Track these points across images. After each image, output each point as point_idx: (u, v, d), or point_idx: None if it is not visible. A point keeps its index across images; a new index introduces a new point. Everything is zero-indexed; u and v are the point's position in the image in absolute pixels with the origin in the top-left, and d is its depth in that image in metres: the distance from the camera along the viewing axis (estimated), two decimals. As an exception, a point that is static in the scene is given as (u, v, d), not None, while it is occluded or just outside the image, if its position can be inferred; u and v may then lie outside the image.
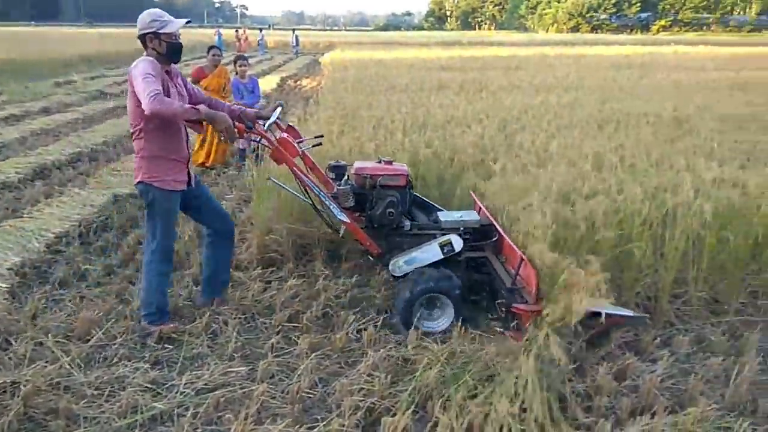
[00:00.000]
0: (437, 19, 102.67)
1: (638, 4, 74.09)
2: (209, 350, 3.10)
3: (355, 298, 3.66)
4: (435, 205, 3.87)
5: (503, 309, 3.23)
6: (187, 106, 2.97)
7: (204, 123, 3.15)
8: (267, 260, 4.15)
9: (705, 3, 73.76)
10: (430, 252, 3.38)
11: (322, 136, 4.04)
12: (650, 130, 5.80)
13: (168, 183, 3.11)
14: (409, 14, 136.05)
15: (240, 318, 3.40)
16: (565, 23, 77.04)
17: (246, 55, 8.46)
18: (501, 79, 11.36)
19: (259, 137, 3.34)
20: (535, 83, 10.72)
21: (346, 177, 3.65)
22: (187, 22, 3.21)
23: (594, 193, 3.55)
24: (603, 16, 76.11)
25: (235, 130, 3.08)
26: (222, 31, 37.14)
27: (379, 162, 3.65)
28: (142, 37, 3.04)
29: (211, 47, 7.11)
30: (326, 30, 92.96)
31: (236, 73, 6.95)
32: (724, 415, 2.55)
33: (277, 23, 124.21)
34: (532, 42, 35.74)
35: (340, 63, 16.33)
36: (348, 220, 3.44)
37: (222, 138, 3.06)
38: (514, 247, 3.18)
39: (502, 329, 3.23)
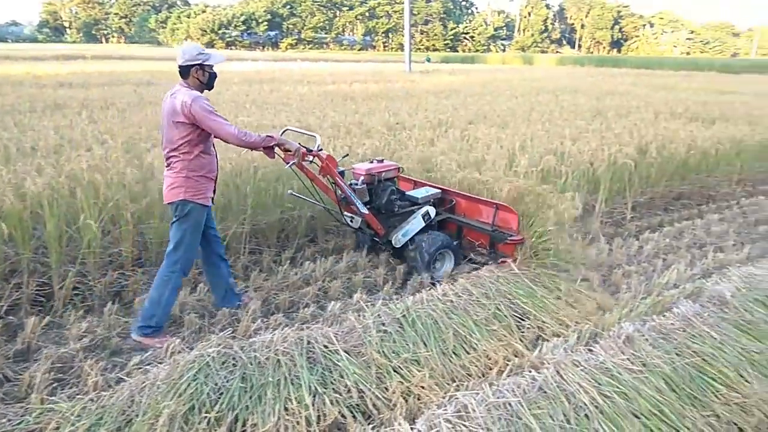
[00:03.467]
0: (54, 31, 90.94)
1: (265, 23, 79.51)
2: None
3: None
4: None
5: (488, 247, 4.38)
6: (264, 135, 3.49)
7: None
8: None
9: (322, 24, 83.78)
10: (416, 223, 4.38)
11: (347, 155, 5.04)
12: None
13: (205, 198, 3.43)
14: (16, 24, 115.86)
15: None
16: (198, 38, 77.47)
17: None
18: (131, 96, 10.69)
19: (312, 157, 3.89)
20: (168, 99, 10.40)
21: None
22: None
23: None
24: (235, 33, 79.20)
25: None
26: None
27: (372, 162, 4.48)
28: (187, 68, 3.33)
29: None
30: None
31: None
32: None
33: None
34: (166, 57, 34.77)
35: None
36: (367, 212, 4.25)
37: (295, 160, 3.67)
38: (486, 199, 4.42)
39: (491, 263, 4.20)
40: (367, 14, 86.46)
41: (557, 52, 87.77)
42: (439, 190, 4.64)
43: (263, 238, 4.68)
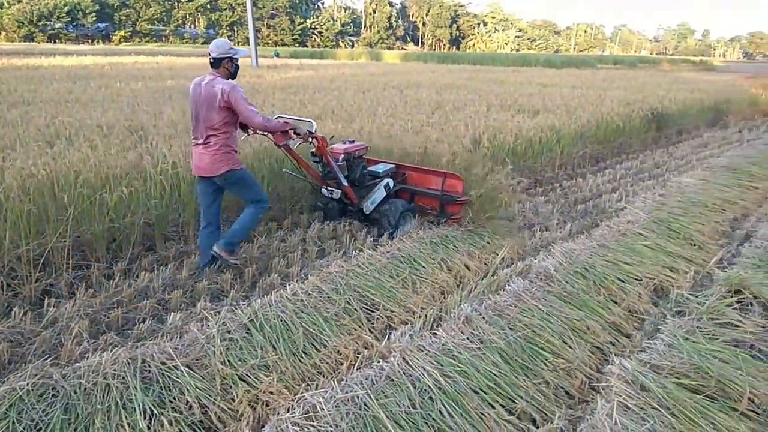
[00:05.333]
0: None
1: (94, 15, 72.60)
2: None
3: None
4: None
5: (439, 209, 5.30)
6: (281, 122, 4.37)
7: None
8: None
9: (159, 16, 78.44)
10: (379, 193, 5.17)
11: (333, 137, 5.60)
12: (104, 141, 5.68)
13: (240, 165, 4.21)
14: None
15: None
16: (15, 31, 68.65)
17: None
18: None
19: (311, 138, 4.59)
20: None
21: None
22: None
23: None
24: (59, 25, 71.31)
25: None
26: None
27: (345, 143, 5.21)
28: (219, 60, 4.02)
29: None
30: None
31: None
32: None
33: None
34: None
35: None
36: (347, 185, 5.01)
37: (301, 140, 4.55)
38: (435, 170, 5.37)
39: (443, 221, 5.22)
40: (209, 6, 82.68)
41: (402, 48, 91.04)
42: (394, 165, 5.47)
43: (90, 251, 4.25)
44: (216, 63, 4.03)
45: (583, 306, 3.80)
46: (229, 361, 2.95)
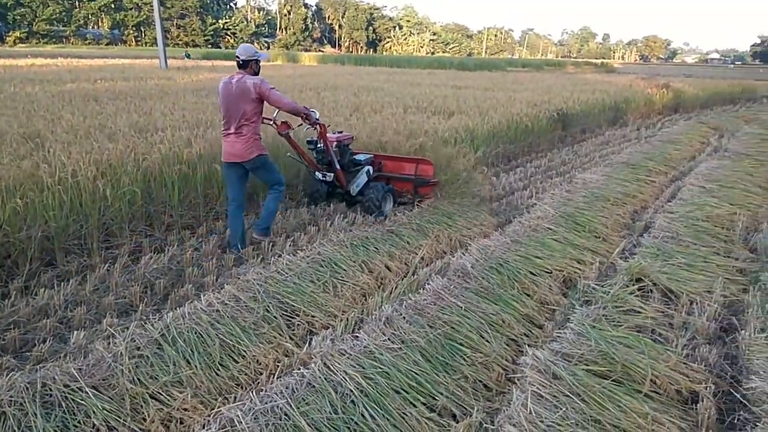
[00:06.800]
0: None
1: (-17, 13, 67.04)
2: None
3: None
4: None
5: (413, 191, 6.27)
6: (303, 106, 5.04)
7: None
8: None
9: (58, 16, 73.53)
10: (362, 178, 5.99)
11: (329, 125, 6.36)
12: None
13: (265, 150, 4.86)
14: None
15: None
16: None
17: None
18: None
19: (315, 124, 5.25)
20: None
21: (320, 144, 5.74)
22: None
23: None
24: (-59, 24, 65.28)
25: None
26: None
27: (335, 133, 5.98)
28: (247, 62, 4.72)
29: None
30: None
31: None
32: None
33: None
34: None
35: None
36: (339, 169, 5.78)
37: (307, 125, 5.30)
38: (409, 157, 6.36)
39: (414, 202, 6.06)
40: (113, 6, 78.49)
41: (320, 50, 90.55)
42: (372, 155, 6.28)
43: (-20, 269, 3.90)
44: (244, 65, 4.73)
45: (498, 300, 3.92)
46: (138, 379, 2.79)
